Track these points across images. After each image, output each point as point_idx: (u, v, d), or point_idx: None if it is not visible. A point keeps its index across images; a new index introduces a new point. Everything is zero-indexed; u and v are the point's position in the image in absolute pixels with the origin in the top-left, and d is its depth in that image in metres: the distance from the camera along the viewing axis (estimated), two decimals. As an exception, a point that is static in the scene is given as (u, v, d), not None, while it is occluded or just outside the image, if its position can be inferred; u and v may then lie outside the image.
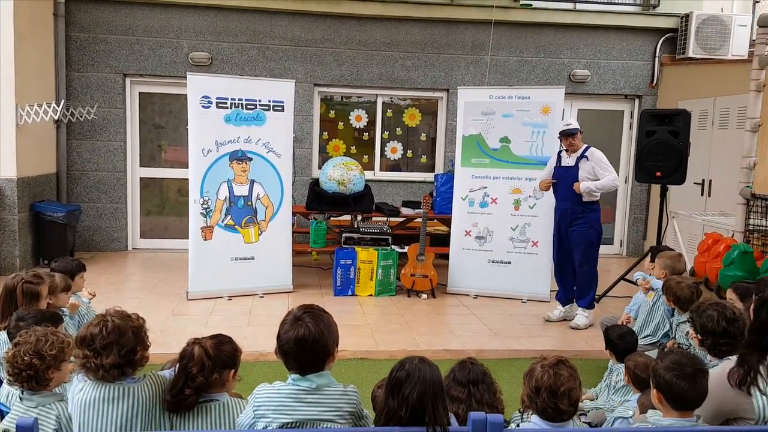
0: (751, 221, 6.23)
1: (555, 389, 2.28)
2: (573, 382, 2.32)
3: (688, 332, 3.93)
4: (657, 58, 9.23)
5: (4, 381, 2.74)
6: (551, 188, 6.03)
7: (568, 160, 5.86)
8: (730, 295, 3.72)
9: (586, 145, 5.88)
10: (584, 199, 5.76)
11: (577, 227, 5.82)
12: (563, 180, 5.87)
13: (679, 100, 8.60)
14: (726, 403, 2.63)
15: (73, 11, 8.25)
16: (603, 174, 5.70)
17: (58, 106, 7.73)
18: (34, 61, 7.51)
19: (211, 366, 2.33)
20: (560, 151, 6.02)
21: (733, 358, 2.74)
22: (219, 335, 2.48)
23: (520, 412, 2.71)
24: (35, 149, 7.65)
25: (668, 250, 5.21)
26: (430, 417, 2.18)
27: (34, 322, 2.85)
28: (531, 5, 8.93)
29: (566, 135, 5.78)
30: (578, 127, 5.80)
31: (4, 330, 3.13)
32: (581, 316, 5.96)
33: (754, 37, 7.75)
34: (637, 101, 9.40)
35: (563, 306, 6.15)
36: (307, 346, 2.27)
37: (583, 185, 5.69)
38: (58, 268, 3.93)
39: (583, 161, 5.76)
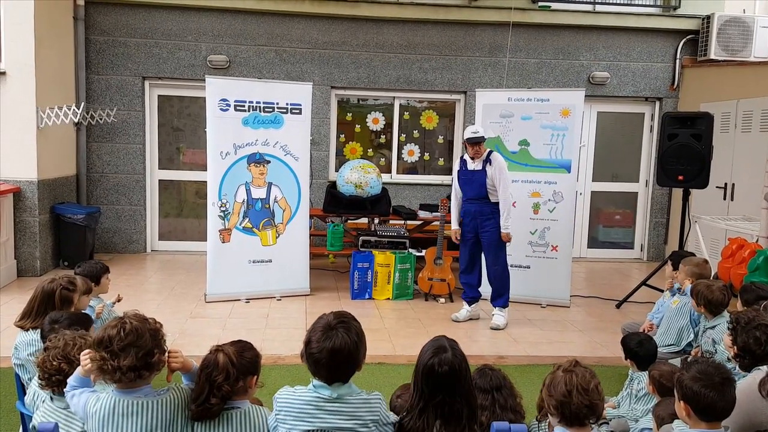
0: (776, 226, 6.12)
1: (586, 386, 2.25)
2: (596, 378, 2.31)
3: (713, 339, 3.87)
4: (678, 60, 9.12)
5: (32, 384, 2.77)
6: (459, 189, 6.05)
7: (474, 165, 5.88)
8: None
9: (488, 150, 5.93)
10: (492, 200, 5.83)
11: (488, 229, 5.86)
12: (471, 183, 5.90)
13: (701, 102, 8.48)
14: (756, 414, 2.56)
15: (93, 14, 8.31)
16: (503, 186, 5.76)
17: (78, 109, 7.79)
18: (54, 64, 7.57)
19: (236, 374, 2.31)
20: (462, 156, 6.06)
21: (764, 369, 2.68)
22: (240, 341, 2.46)
23: (537, 420, 2.68)
24: (55, 152, 7.71)
25: (690, 255, 5.11)
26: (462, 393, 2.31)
27: (68, 324, 2.88)
28: (549, 7, 8.86)
29: (474, 143, 5.79)
30: (484, 135, 5.84)
31: (36, 329, 3.18)
32: (499, 316, 5.98)
33: (778, 39, 7.65)
34: (657, 104, 9.29)
35: (469, 306, 6.18)
36: (342, 357, 2.26)
37: (503, 228, 5.80)
38: (82, 273, 3.97)
39: (488, 166, 5.81)
